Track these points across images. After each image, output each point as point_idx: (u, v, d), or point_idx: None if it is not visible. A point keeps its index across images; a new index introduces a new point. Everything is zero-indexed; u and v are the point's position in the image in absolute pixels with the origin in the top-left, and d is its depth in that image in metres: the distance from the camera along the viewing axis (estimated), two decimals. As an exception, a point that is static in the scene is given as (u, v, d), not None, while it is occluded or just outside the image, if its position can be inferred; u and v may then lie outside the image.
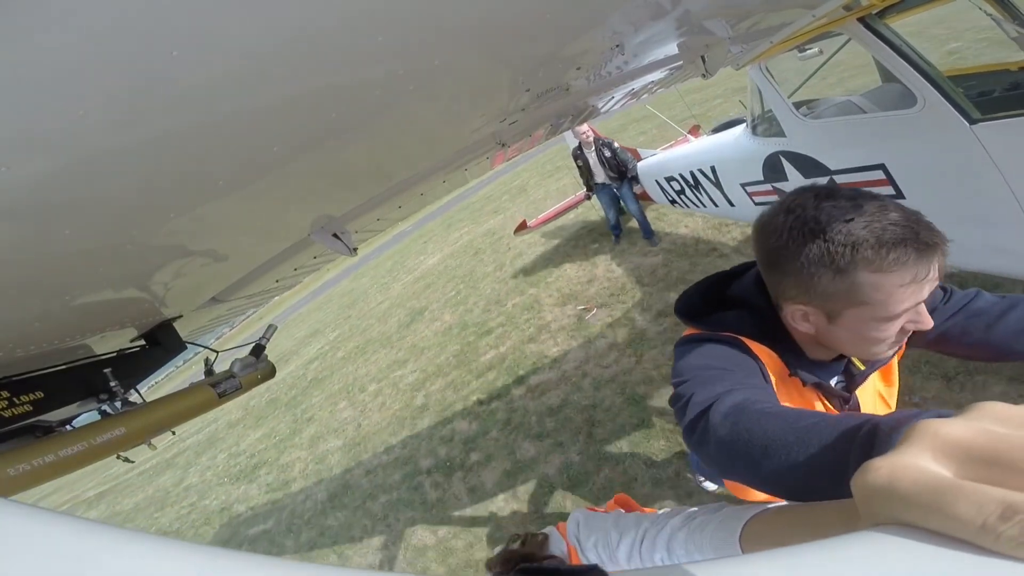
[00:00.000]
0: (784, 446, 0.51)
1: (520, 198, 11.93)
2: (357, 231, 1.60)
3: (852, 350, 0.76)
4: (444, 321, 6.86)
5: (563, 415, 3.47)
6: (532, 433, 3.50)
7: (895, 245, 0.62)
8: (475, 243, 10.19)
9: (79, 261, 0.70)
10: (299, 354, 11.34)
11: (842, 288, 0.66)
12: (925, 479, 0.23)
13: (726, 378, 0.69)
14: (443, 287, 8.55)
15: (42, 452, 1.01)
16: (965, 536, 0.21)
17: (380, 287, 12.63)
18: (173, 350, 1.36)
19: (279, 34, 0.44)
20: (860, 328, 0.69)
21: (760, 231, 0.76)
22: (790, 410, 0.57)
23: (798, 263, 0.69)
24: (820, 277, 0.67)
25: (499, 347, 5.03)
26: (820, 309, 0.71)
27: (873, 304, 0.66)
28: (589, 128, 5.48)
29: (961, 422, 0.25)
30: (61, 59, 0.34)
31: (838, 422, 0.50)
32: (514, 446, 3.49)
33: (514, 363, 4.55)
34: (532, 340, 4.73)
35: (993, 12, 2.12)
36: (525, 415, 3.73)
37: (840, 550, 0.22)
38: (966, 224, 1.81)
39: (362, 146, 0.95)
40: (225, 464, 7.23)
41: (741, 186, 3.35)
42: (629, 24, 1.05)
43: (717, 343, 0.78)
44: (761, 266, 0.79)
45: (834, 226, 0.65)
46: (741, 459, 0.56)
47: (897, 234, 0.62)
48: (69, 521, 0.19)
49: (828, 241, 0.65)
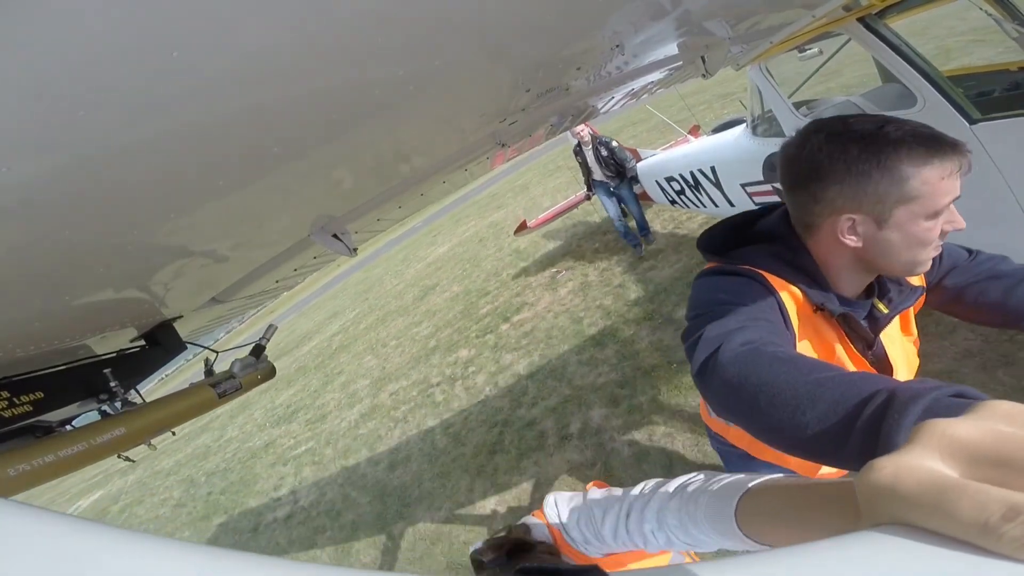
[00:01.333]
0: (792, 398, 0.49)
1: (522, 195, 13.22)
2: (357, 231, 1.60)
3: (901, 258, 0.74)
4: (452, 291, 8.44)
5: (532, 336, 5.13)
6: (511, 348, 5.15)
7: (931, 139, 0.67)
8: (480, 233, 11.66)
9: (79, 261, 0.70)
10: (321, 332, 12.67)
11: (892, 185, 0.67)
12: (929, 479, 0.23)
13: (740, 313, 0.68)
14: (451, 268, 10.02)
15: (42, 452, 1.01)
16: (967, 537, 0.21)
17: (394, 273, 14.07)
18: (173, 350, 1.36)
19: (279, 34, 0.44)
20: (911, 227, 0.70)
21: (791, 151, 0.75)
22: (803, 358, 0.55)
23: (843, 167, 0.69)
24: (868, 177, 0.68)
25: (494, 302, 6.72)
26: (869, 215, 0.71)
27: (921, 197, 0.67)
28: (586, 127, 5.46)
29: (969, 422, 0.25)
30: (60, 58, 0.34)
31: (852, 382, 0.48)
32: (498, 358, 5.10)
33: (504, 310, 6.24)
34: (518, 295, 6.47)
35: (993, 12, 2.12)
36: (508, 339, 5.39)
37: (842, 550, 0.22)
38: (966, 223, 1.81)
39: (362, 146, 0.95)
40: (263, 417, 8.24)
41: (741, 186, 3.35)
42: (629, 24, 1.05)
43: (735, 275, 0.77)
44: (794, 188, 0.77)
45: (871, 131, 0.68)
46: (746, 404, 0.54)
47: (930, 132, 0.67)
48: (69, 521, 0.19)
49: (871, 142, 0.67)
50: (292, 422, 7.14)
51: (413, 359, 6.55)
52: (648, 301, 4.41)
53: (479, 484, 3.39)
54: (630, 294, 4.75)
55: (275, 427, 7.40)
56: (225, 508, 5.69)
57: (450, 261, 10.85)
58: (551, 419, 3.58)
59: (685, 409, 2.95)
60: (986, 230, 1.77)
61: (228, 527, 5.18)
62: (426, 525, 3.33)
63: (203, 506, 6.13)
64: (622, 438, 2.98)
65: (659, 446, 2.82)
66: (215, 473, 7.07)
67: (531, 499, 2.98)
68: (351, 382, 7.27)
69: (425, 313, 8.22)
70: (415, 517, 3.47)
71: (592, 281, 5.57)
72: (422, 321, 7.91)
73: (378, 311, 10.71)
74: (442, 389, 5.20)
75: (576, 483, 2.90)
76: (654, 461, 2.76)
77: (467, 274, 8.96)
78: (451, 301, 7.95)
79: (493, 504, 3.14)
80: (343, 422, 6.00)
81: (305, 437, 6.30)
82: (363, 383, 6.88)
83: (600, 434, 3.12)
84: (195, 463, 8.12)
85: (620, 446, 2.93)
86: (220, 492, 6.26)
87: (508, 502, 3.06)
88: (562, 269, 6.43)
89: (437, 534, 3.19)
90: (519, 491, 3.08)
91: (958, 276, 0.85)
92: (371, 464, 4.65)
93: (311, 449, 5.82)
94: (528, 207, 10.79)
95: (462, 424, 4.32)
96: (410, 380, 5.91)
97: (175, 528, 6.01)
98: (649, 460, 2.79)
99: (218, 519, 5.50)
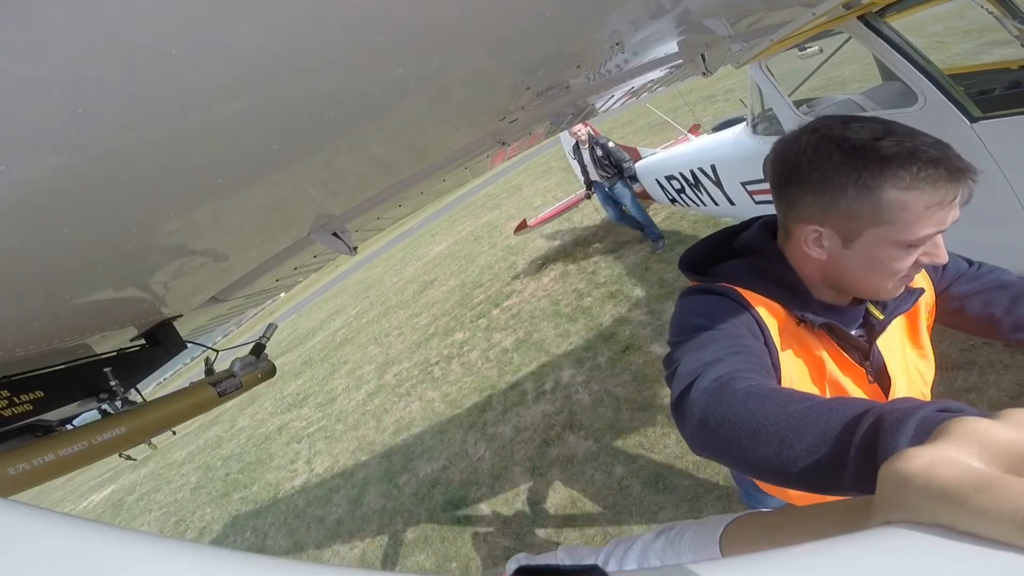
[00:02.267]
0: (776, 433, 0.48)
1: (515, 195, 13.75)
2: (357, 230, 1.60)
3: (860, 282, 0.70)
4: (449, 285, 9.02)
5: (519, 317, 5.81)
6: (500, 328, 5.83)
7: (927, 163, 0.59)
8: (475, 232, 12.22)
9: (79, 260, 0.70)
10: (324, 328, 13.14)
11: (866, 205, 0.62)
12: (970, 472, 0.22)
13: (716, 342, 0.65)
14: (448, 265, 10.55)
15: (42, 451, 1.01)
16: (1001, 532, 0.20)
17: (394, 272, 14.56)
18: (173, 349, 1.36)
19: (279, 33, 0.44)
20: (877, 252, 0.65)
21: (780, 148, 0.71)
22: (778, 391, 0.54)
23: (820, 176, 0.65)
24: (844, 191, 0.63)
25: (487, 291, 7.36)
26: (836, 230, 0.67)
27: (896, 225, 0.62)
28: (584, 126, 5.45)
29: (1006, 425, 0.25)
30: (60, 58, 0.34)
31: (833, 409, 0.47)
32: (489, 337, 5.77)
33: (496, 297, 6.89)
34: (508, 284, 7.16)
35: (994, 10, 2.12)
36: (498, 321, 6.09)
37: (862, 548, 0.21)
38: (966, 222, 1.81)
39: (362, 145, 0.95)
40: (272, 406, 8.59)
41: (741, 185, 3.35)
42: (629, 22, 1.05)
43: (710, 294, 0.75)
44: (776, 185, 0.73)
45: (863, 142, 0.62)
46: (726, 442, 0.53)
47: (930, 154, 0.59)
48: (69, 521, 0.19)
49: (856, 155, 0.62)
50: (303, 407, 7.56)
51: (414, 344, 7.14)
52: (614, 283, 5.23)
53: (471, 435, 4.11)
54: (600, 278, 5.59)
55: (286, 413, 7.76)
56: (244, 484, 6.01)
57: (447, 258, 11.27)
58: (530, 381, 4.38)
59: (632, 365, 3.70)
60: (986, 229, 1.77)
61: (248, 499, 5.52)
62: (426, 473, 3.98)
63: (222, 485, 6.41)
64: (584, 391, 3.78)
65: (612, 394, 3.54)
66: (231, 457, 7.36)
67: (512, 440, 3.71)
68: (357, 368, 7.75)
69: (424, 305, 8.77)
70: (417, 468, 4.13)
71: (569, 270, 6.41)
72: (421, 312, 8.43)
73: (379, 306, 11.11)
74: (440, 366, 5.83)
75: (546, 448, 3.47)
76: (607, 405, 3.44)
77: (463, 269, 9.47)
78: (448, 293, 8.50)
79: (483, 450, 3.84)
80: (351, 402, 6.52)
81: (316, 418, 6.73)
82: (368, 368, 7.40)
83: (568, 388, 3.95)
84: (209, 451, 8.39)
85: (582, 396, 3.73)
86: (238, 472, 6.53)
87: (494, 447, 3.77)
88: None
89: (435, 479, 3.84)
90: (503, 438, 3.82)
91: (965, 284, 0.81)
92: (379, 432, 5.25)
93: (323, 427, 6.27)
94: (521, 206, 11.27)
95: (457, 392, 4.98)
96: (412, 362, 6.52)
97: (196, 507, 6.26)
98: (603, 404, 3.47)
99: (238, 494, 5.81)
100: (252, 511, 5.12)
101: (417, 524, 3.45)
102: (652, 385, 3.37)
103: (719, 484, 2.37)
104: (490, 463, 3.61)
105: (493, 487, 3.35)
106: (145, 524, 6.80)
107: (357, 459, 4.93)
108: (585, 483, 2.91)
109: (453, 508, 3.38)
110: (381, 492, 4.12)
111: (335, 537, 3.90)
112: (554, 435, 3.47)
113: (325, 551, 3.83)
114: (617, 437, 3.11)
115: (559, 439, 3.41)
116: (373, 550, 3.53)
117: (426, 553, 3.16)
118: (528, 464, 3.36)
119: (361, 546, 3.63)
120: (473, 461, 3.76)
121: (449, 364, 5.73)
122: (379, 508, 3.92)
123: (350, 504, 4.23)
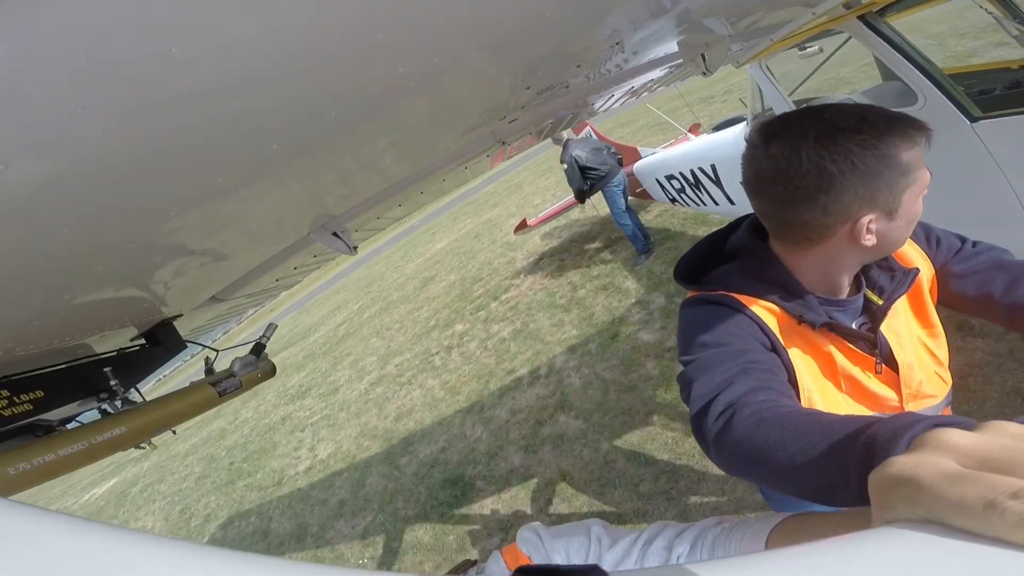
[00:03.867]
0: (787, 457, 0.52)
1: (516, 194, 13.90)
2: (357, 229, 1.60)
3: (898, 244, 0.74)
4: (449, 280, 9.19)
5: (516, 309, 6.03)
6: (498, 319, 6.04)
7: (903, 119, 0.66)
8: (476, 229, 12.35)
9: (79, 260, 0.70)
10: (325, 323, 13.24)
11: (896, 173, 0.66)
12: (944, 468, 0.25)
13: (723, 362, 0.68)
14: (449, 261, 10.75)
15: (42, 451, 1.01)
16: (973, 520, 0.22)
17: (395, 269, 14.68)
18: (173, 349, 1.36)
19: (279, 32, 0.44)
20: (913, 209, 0.70)
21: (780, 166, 0.69)
22: (787, 413, 0.57)
23: (850, 169, 0.66)
24: (878, 173, 0.66)
25: (487, 285, 7.59)
26: (883, 209, 0.68)
27: (919, 178, 0.68)
28: (586, 126, 5.43)
29: (977, 435, 0.27)
30: (59, 57, 0.34)
31: (836, 429, 0.50)
32: (488, 328, 5.98)
33: (495, 291, 7.10)
34: (507, 278, 7.32)
35: (994, 10, 2.11)
36: (497, 313, 6.29)
37: (860, 546, 0.23)
38: (967, 222, 1.81)
39: (362, 145, 0.95)
40: (276, 398, 8.68)
41: (742, 184, 3.34)
42: (629, 22, 1.05)
43: (712, 305, 0.76)
44: (794, 203, 0.70)
45: (857, 125, 0.66)
46: (744, 467, 0.58)
47: (894, 112, 0.67)
48: (69, 521, 0.19)
49: (866, 137, 0.65)
50: (306, 398, 7.71)
51: (415, 336, 7.34)
52: (607, 275, 5.43)
53: (469, 419, 4.30)
54: (594, 271, 5.79)
55: (289, 404, 7.86)
56: (248, 472, 6.14)
57: (448, 255, 11.40)
58: (526, 367, 4.58)
59: (620, 351, 3.91)
60: (987, 228, 1.77)
61: (253, 486, 5.64)
62: (426, 455, 4.18)
63: (226, 474, 6.51)
64: (576, 375, 4.02)
65: (601, 377, 3.75)
66: (235, 447, 7.43)
67: (507, 421, 3.90)
68: (359, 360, 7.91)
69: (425, 299, 8.93)
70: (417, 451, 4.32)
71: (567, 263, 6.68)
72: (422, 306, 8.63)
73: (381, 301, 11.21)
74: (440, 356, 6.06)
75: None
76: (596, 387, 3.66)
77: (463, 265, 9.63)
78: (448, 288, 8.69)
79: (480, 432, 4.02)
80: (354, 392, 6.70)
81: (320, 408, 6.89)
82: (371, 359, 7.60)
83: (560, 372, 4.19)
84: (213, 442, 8.44)
85: (573, 380, 3.96)
86: (242, 460, 6.64)
87: (491, 428, 3.96)
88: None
89: (435, 460, 4.03)
90: (499, 420, 4.00)
91: (961, 263, 0.80)
92: (381, 419, 5.41)
93: (326, 416, 6.44)
94: (521, 204, 11.46)
95: (457, 380, 5.19)
96: (413, 353, 6.75)
97: (200, 495, 6.35)
98: (592, 387, 3.70)
99: (242, 482, 5.94)
100: (257, 497, 5.27)
101: (417, 501, 3.64)
102: (637, 368, 3.58)
103: (694, 456, 2.58)
104: (487, 443, 3.80)
105: (489, 465, 3.55)
106: (150, 513, 6.86)
107: (360, 444, 5.09)
108: (574, 458, 3.12)
109: (451, 485, 3.57)
110: (383, 474, 4.30)
111: (338, 516, 4.06)
112: (547, 416, 3.68)
113: (328, 531, 3.96)
114: (604, 416, 3.32)
115: (551, 419, 3.62)
116: (374, 527, 3.67)
117: (424, 528, 3.34)
118: (522, 443, 3.55)
119: (363, 524, 3.78)
120: (471, 442, 3.96)
121: (449, 354, 5.95)
122: (381, 489, 4.09)
123: (353, 486, 4.38)
